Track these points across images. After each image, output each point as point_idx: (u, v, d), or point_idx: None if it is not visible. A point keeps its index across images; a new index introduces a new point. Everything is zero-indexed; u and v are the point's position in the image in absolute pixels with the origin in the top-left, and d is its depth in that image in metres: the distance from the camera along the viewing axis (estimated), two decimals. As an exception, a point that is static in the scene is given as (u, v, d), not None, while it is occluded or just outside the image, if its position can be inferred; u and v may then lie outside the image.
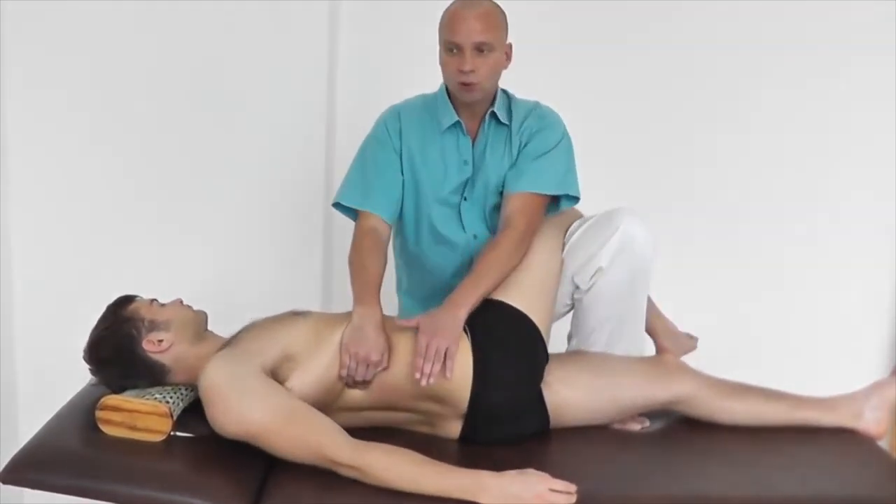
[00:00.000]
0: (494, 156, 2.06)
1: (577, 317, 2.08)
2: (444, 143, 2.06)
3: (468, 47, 1.90)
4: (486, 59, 1.92)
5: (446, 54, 1.95)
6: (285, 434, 1.63)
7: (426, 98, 2.10)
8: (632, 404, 1.96)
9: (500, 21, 1.95)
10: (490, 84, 1.98)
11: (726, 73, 2.76)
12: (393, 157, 2.06)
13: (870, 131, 2.76)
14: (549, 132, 2.05)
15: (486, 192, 2.07)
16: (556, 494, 1.58)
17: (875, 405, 1.98)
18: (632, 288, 1.99)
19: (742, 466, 1.80)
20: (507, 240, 1.94)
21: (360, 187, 2.06)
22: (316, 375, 1.78)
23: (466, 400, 1.82)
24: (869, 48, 2.69)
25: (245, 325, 1.85)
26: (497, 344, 1.85)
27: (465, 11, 1.91)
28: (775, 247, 2.83)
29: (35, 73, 2.56)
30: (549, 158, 2.03)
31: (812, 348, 2.81)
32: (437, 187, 2.07)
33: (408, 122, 2.07)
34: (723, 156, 2.81)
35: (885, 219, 2.80)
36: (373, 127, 2.11)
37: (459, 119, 2.04)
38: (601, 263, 1.95)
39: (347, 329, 1.82)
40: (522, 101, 2.10)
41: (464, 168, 2.06)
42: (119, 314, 1.81)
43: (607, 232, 1.96)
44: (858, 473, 1.81)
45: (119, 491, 1.59)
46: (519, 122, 2.05)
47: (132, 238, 2.67)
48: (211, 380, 1.66)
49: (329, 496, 1.60)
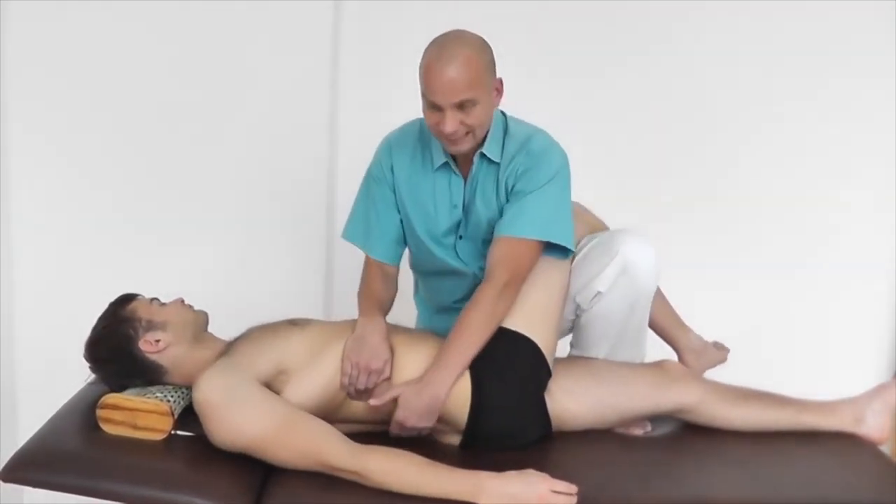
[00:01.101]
0: (484, 197, 1.90)
1: (576, 334, 2.07)
2: (436, 182, 1.92)
3: (448, 107, 1.72)
4: (469, 113, 1.74)
5: (427, 108, 1.76)
6: (283, 443, 1.63)
7: (423, 127, 1.91)
8: (635, 413, 1.95)
9: (482, 67, 1.73)
10: (482, 133, 1.82)
11: (728, 80, 2.76)
12: (389, 194, 1.94)
13: (871, 133, 2.76)
14: (536, 172, 1.84)
15: (480, 230, 1.94)
16: (558, 495, 1.57)
17: (877, 409, 1.97)
18: (632, 310, 1.96)
19: (743, 470, 1.79)
20: (486, 298, 1.80)
21: (362, 225, 1.98)
22: (311, 388, 1.77)
23: (464, 422, 1.81)
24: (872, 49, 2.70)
25: (242, 333, 1.84)
26: (496, 371, 1.81)
27: (442, 66, 1.69)
28: (777, 251, 2.83)
29: (38, 73, 2.56)
30: (533, 199, 1.83)
31: (814, 352, 2.81)
32: (430, 227, 1.95)
33: (399, 159, 1.93)
34: (722, 162, 2.80)
35: (886, 222, 2.80)
36: (374, 157, 1.98)
37: (448, 160, 1.89)
38: (600, 288, 1.91)
39: (349, 339, 1.81)
40: (520, 129, 1.91)
41: (453, 211, 1.93)
42: (118, 313, 1.81)
43: (607, 257, 1.90)
44: (860, 478, 1.81)
45: (120, 490, 1.59)
46: (508, 160, 1.86)
47: (134, 236, 2.67)
48: (205, 394, 1.65)
49: (330, 494, 1.60)
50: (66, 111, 2.61)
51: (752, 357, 2.27)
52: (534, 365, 1.86)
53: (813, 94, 2.75)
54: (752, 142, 2.79)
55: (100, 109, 2.61)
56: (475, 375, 1.80)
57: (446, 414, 1.79)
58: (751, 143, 2.79)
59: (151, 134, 2.64)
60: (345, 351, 1.80)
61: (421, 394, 1.75)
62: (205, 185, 2.68)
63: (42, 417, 1.80)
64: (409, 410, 1.76)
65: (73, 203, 2.65)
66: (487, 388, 1.80)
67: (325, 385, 1.79)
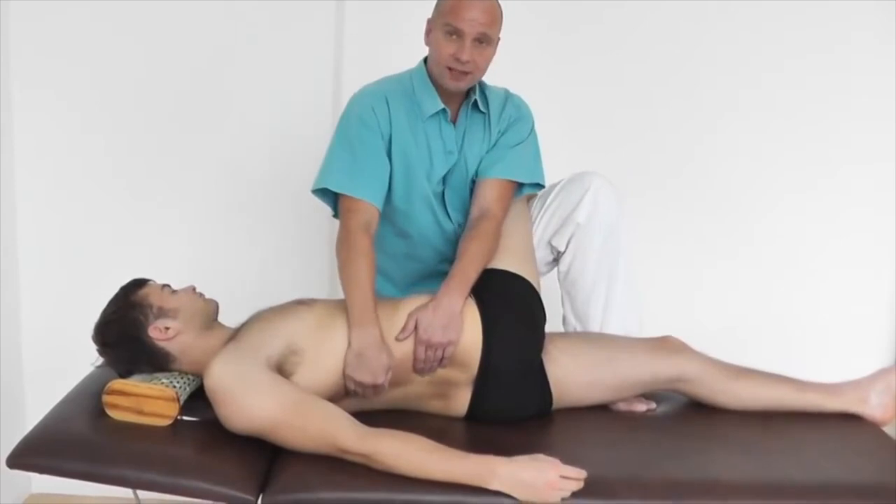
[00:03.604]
0: (472, 143, 2.05)
1: (569, 293, 2.12)
2: (428, 131, 2.02)
3: (470, 36, 1.89)
4: (483, 51, 1.91)
5: (443, 37, 1.91)
6: (294, 426, 1.63)
7: (400, 81, 2.04)
8: (634, 378, 1.95)
9: (500, 15, 1.95)
10: (481, 76, 1.98)
11: (725, 66, 2.75)
12: (379, 141, 1.98)
13: (871, 122, 2.76)
14: (523, 123, 2.08)
15: (465, 179, 2.07)
16: (567, 481, 1.57)
17: (881, 391, 1.98)
18: (610, 244, 2.04)
19: (747, 451, 1.80)
20: (489, 229, 1.96)
21: (347, 171, 1.95)
22: (323, 370, 1.78)
23: (477, 361, 1.85)
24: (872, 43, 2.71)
25: (250, 317, 1.84)
26: (502, 304, 1.90)
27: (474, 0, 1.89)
28: (779, 237, 2.82)
29: (44, 64, 2.57)
30: (524, 148, 2.06)
31: (817, 338, 2.82)
32: (423, 176, 2.03)
33: (396, 109, 1.99)
34: (725, 148, 2.79)
35: (887, 205, 2.79)
36: (351, 107, 2.01)
37: (444, 107, 2.01)
38: (579, 220, 2.03)
39: (348, 354, 1.79)
40: (493, 87, 2.09)
41: (448, 157, 2.04)
42: (129, 298, 1.81)
43: (580, 191, 2.03)
44: (863, 459, 1.81)
45: (126, 475, 1.60)
46: (498, 110, 2.06)
47: (138, 223, 2.67)
48: (216, 378, 1.66)
49: (337, 477, 1.61)
50: (71, 100, 2.61)
51: (753, 346, 2.28)
52: (531, 299, 1.95)
53: (816, 82, 2.75)
54: (753, 131, 2.78)
55: (105, 99, 2.61)
56: (483, 311, 1.87)
57: (461, 353, 1.84)
58: (752, 132, 2.79)
59: (155, 125, 2.63)
60: (345, 368, 1.79)
61: (437, 310, 1.83)
62: (207, 174, 2.67)
63: (48, 404, 1.80)
64: (430, 326, 1.81)
65: (78, 190, 2.65)
66: (496, 320, 1.87)
67: (336, 365, 1.79)
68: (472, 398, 1.87)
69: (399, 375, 1.83)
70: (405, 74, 2.05)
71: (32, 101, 2.57)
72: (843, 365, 2.11)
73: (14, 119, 2.57)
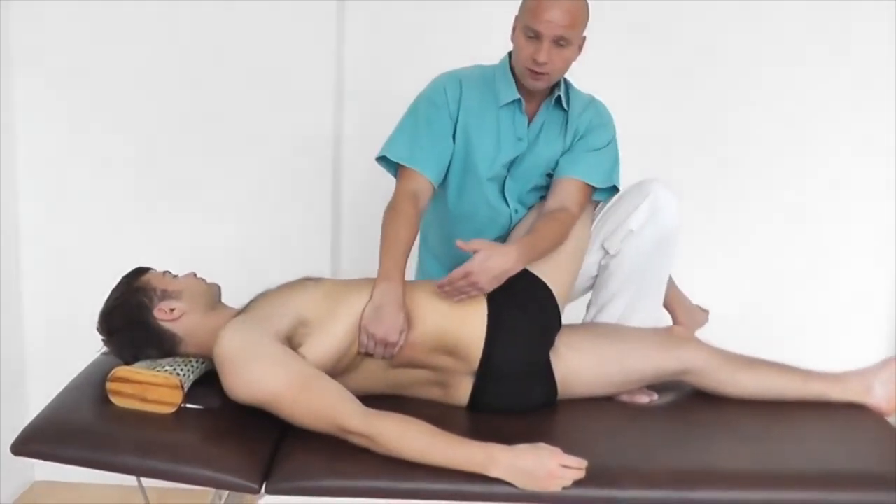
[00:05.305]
0: (549, 137, 2.07)
1: (599, 282, 2.11)
2: (501, 118, 2.04)
3: (548, 38, 1.88)
4: (561, 52, 1.91)
5: (523, 38, 1.92)
6: (298, 401, 1.63)
7: (484, 70, 2.08)
8: (640, 372, 1.95)
9: (583, 16, 1.93)
10: (559, 76, 1.99)
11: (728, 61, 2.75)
12: (447, 122, 2.03)
13: (871, 115, 2.76)
14: (605, 129, 2.09)
15: (533, 171, 2.08)
16: (567, 470, 1.57)
17: (885, 380, 1.98)
18: (658, 254, 2.03)
19: (751, 440, 1.80)
20: (566, 220, 1.98)
21: (408, 144, 2.02)
22: (331, 342, 1.77)
23: (479, 354, 1.84)
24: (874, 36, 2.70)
25: (258, 294, 1.85)
26: (512, 303, 1.87)
27: (554, 1, 1.87)
28: (782, 228, 2.83)
29: (43, 67, 2.58)
30: (604, 153, 2.07)
31: (820, 329, 2.82)
32: (488, 160, 2.05)
33: (468, 93, 2.04)
34: (727, 141, 2.80)
35: (889, 197, 2.80)
36: (428, 88, 2.07)
37: (520, 97, 2.02)
38: (632, 226, 2.01)
39: (368, 306, 1.80)
40: (579, 91, 2.11)
41: (518, 144, 2.06)
42: (132, 284, 1.81)
43: (639, 198, 2.02)
44: (867, 448, 1.81)
45: (130, 463, 1.60)
46: (578, 111, 2.07)
47: (142, 211, 2.67)
48: (225, 346, 1.66)
49: (339, 466, 1.61)
50: (72, 100, 2.62)
51: (756, 336, 2.28)
52: (546, 306, 1.94)
53: (813, 77, 2.75)
54: (754, 124, 2.79)
55: (105, 99, 2.62)
56: (491, 308, 1.86)
57: (462, 345, 1.83)
58: (753, 125, 2.79)
59: (155, 124, 2.63)
60: (362, 319, 1.80)
61: (497, 256, 1.83)
62: (207, 174, 2.68)
63: (51, 392, 1.81)
64: (483, 268, 1.80)
65: (82, 177, 2.66)
66: (503, 315, 1.86)
67: (343, 330, 1.79)
68: (473, 390, 1.87)
69: (402, 356, 1.82)
70: (491, 65, 2.09)
71: (32, 101, 2.58)
72: (847, 355, 2.11)
73: (15, 116, 2.58)
